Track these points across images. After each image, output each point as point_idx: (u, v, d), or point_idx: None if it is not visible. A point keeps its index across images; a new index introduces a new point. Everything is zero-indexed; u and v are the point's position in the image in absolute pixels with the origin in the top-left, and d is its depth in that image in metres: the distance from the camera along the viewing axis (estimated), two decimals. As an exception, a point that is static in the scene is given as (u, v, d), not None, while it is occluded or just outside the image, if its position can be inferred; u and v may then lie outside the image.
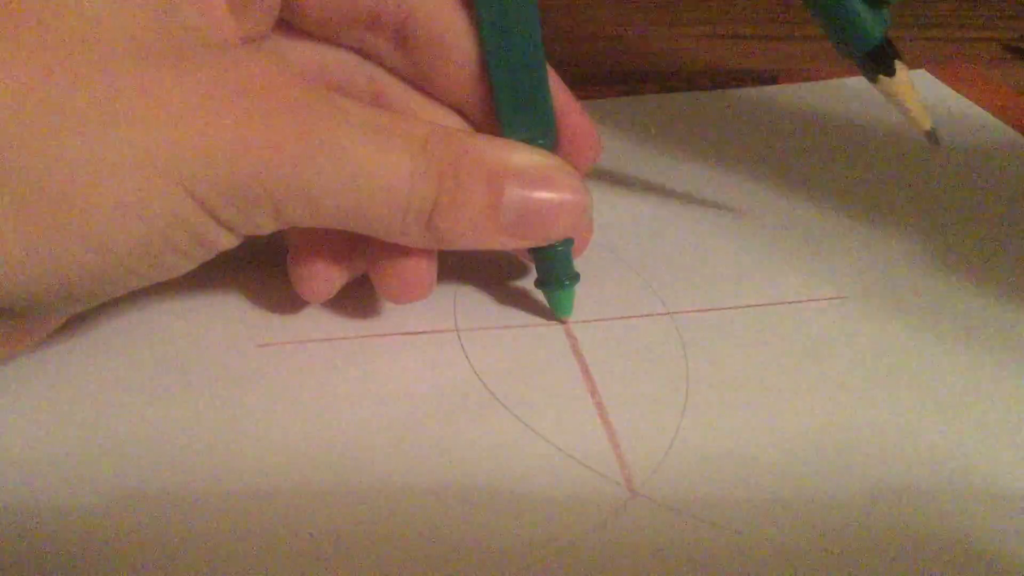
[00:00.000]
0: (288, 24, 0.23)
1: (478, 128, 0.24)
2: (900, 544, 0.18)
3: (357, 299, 0.25)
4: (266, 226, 0.19)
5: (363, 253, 0.23)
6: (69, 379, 0.22)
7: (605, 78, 0.42)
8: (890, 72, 0.22)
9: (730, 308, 0.25)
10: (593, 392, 0.22)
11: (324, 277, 0.24)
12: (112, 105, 0.17)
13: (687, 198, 0.31)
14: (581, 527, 0.19)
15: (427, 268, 0.23)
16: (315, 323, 0.25)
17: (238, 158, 0.18)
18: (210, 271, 0.21)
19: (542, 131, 0.22)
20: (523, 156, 0.21)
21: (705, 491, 0.20)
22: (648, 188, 0.32)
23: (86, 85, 0.17)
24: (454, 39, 0.22)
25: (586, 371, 0.23)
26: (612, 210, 0.22)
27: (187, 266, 0.20)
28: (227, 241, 0.19)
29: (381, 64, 0.24)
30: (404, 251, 0.22)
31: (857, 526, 0.19)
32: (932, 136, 0.23)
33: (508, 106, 0.22)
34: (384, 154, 0.19)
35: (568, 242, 0.23)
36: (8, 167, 0.16)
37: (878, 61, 0.23)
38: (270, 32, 0.22)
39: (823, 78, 0.24)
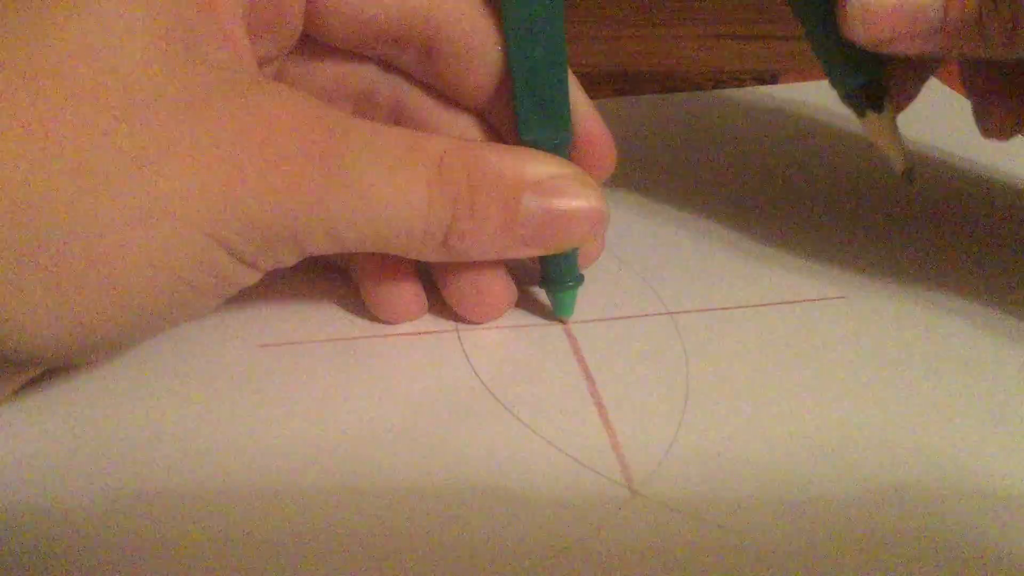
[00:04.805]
0: (311, 38, 0.22)
1: (500, 132, 0.24)
2: (900, 544, 0.18)
3: (357, 299, 0.25)
4: (289, 260, 0.20)
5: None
6: (69, 379, 0.22)
7: (604, 78, 0.42)
8: (879, 109, 0.22)
9: (730, 308, 0.25)
10: (593, 392, 0.22)
11: (412, 293, 0.24)
12: (134, 158, 0.17)
13: (687, 198, 0.31)
14: (581, 527, 0.19)
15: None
16: (315, 323, 0.25)
17: (263, 202, 0.18)
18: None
19: (558, 131, 0.22)
20: (539, 166, 0.21)
21: (705, 491, 0.20)
22: (647, 188, 0.32)
23: (109, 139, 0.17)
24: (481, 48, 0.22)
25: (586, 371, 0.23)
26: (612, 210, 0.22)
27: (212, 306, 0.20)
28: (251, 277, 0.20)
29: (403, 75, 0.24)
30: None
31: (856, 526, 0.19)
32: (908, 176, 0.23)
33: (525, 104, 0.22)
34: (402, 183, 0.19)
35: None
36: (35, 228, 0.16)
37: (869, 97, 0.22)
38: (292, 47, 0.22)
39: (823, 78, 0.24)
